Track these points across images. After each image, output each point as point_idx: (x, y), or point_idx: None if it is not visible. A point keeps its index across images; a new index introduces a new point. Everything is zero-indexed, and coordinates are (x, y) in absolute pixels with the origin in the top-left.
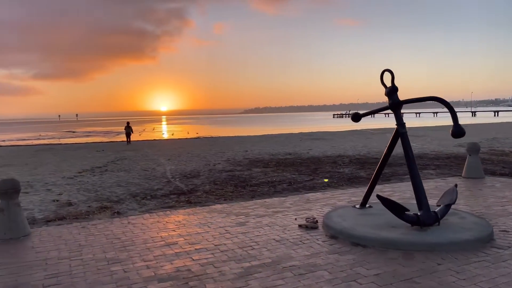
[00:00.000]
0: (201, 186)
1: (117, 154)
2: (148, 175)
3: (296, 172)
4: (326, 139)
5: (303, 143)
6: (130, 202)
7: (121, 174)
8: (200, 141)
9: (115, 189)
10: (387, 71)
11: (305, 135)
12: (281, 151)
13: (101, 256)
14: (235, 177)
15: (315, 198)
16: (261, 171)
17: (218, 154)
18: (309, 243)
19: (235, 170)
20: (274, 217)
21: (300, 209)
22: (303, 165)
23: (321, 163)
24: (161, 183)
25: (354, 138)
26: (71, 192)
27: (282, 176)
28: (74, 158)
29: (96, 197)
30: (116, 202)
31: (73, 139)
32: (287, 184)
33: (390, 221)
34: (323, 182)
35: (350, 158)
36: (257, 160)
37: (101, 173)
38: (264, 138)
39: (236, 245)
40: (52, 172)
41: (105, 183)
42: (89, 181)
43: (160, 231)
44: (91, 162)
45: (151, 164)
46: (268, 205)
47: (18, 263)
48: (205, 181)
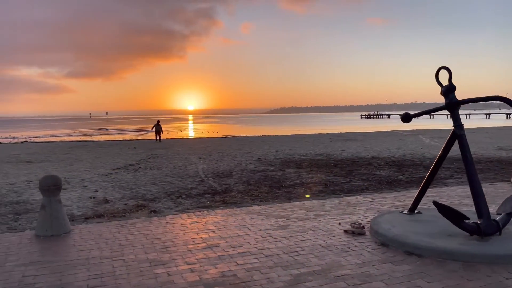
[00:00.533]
0: (235, 186)
1: (149, 152)
2: (181, 174)
3: (330, 174)
4: (358, 140)
5: (334, 144)
6: (165, 201)
7: (154, 172)
8: (228, 140)
9: (149, 187)
10: (444, 68)
11: (335, 136)
12: (312, 152)
13: (143, 257)
14: (268, 178)
15: (356, 201)
16: (294, 172)
17: (248, 153)
18: (358, 251)
19: (267, 170)
20: (316, 221)
21: (343, 213)
22: (337, 167)
23: (356, 165)
24: (195, 182)
25: (387, 140)
26: (106, 189)
27: (316, 178)
28: (107, 155)
29: (132, 195)
30: (152, 200)
31: (105, 136)
32: (323, 186)
33: (444, 229)
34: (361, 185)
35: (385, 160)
36: (288, 160)
37: (135, 170)
38: (293, 138)
39: (281, 250)
40: (87, 169)
41: (139, 181)
42: (123, 178)
43: (200, 232)
44: (124, 159)
45: (183, 163)
46: (308, 208)
47: (61, 262)
48: (238, 181)
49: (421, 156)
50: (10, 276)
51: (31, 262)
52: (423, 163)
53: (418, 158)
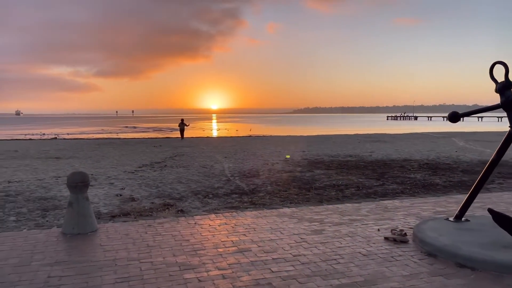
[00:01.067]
0: (263, 187)
1: (175, 150)
2: (207, 173)
3: (362, 176)
4: (387, 141)
5: (363, 145)
6: (192, 200)
7: (180, 170)
8: (253, 140)
9: (176, 186)
10: (500, 63)
11: (363, 137)
12: (341, 153)
13: (171, 260)
14: (297, 179)
15: (394, 206)
16: (324, 173)
17: (274, 153)
18: (403, 261)
19: (295, 171)
20: (352, 226)
21: (380, 218)
22: (368, 169)
23: (388, 167)
24: (221, 182)
25: (418, 142)
26: (133, 187)
27: (348, 180)
28: (134, 153)
29: (158, 193)
30: (179, 199)
31: (131, 134)
32: (355, 189)
33: (497, 239)
34: (395, 188)
35: (418, 163)
36: (316, 161)
37: (161, 168)
38: (319, 139)
39: (318, 257)
40: (114, 166)
41: (165, 179)
42: (149, 176)
43: (230, 235)
44: (150, 157)
45: (208, 161)
46: (342, 211)
47: (87, 262)
48: (266, 181)
49: (457, 159)
50: (36, 276)
51: (57, 262)
52: (460, 167)
53: (454, 161)
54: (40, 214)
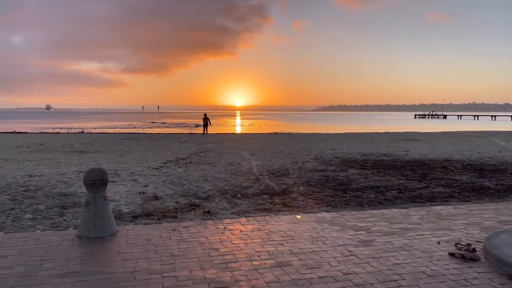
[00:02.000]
0: (295, 187)
1: (200, 145)
2: (234, 170)
3: (402, 177)
4: (421, 140)
5: (396, 144)
6: (220, 200)
7: (206, 168)
8: (279, 137)
9: (202, 184)
10: None
11: (394, 135)
12: (374, 151)
13: (199, 274)
14: (330, 179)
15: (448, 213)
16: (359, 173)
17: (303, 151)
18: (481, 286)
19: (327, 170)
20: (406, 237)
21: (437, 228)
22: (406, 169)
23: (428, 168)
24: (250, 180)
25: (454, 141)
26: (157, 184)
27: (386, 181)
28: (158, 148)
29: (183, 191)
30: (205, 199)
31: (156, 129)
32: (396, 191)
33: None
34: (442, 192)
35: (461, 164)
36: (349, 160)
37: (186, 165)
38: (347, 136)
39: (373, 276)
40: (138, 162)
41: (190, 176)
42: (174, 173)
43: (265, 244)
44: (175, 153)
45: (235, 158)
46: (389, 218)
47: (103, 274)
48: (297, 181)
49: (502, 160)
50: None
51: (68, 272)
52: (509, 169)
53: (500, 162)
54: (58, 212)
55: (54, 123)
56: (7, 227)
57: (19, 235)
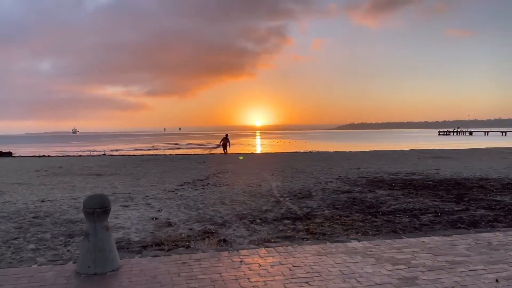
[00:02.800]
0: (319, 210)
1: (218, 166)
2: (253, 192)
3: (436, 198)
4: (451, 157)
5: (424, 161)
6: (237, 227)
7: (223, 189)
8: (300, 156)
9: (218, 207)
10: None
11: (420, 152)
12: (402, 170)
13: None
14: (357, 201)
15: (500, 242)
16: (388, 194)
17: (325, 170)
18: None
19: (353, 191)
20: (455, 272)
21: (491, 261)
22: (440, 189)
23: (464, 187)
24: (269, 203)
25: (486, 158)
26: (171, 208)
27: (420, 203)
28: (177, 170)
29: (198, 216)
30: (221, 225)
31: (176, 150)
32: (433, 215)
33: None
34: (485, 215)
35: (499, 183)
36: (376, 179)
37: (203, 187)
38: (371, 155)
39: None
40: (154, 184)
41: (207, 199)
42: (190, 195)
43: (288, 283)
44: (193, 174)
45: (254, 179)
46: (432, 248)
47: None
48: (321, 203)
49: None
50: None
51: None
52: None
53: None
54: (63, 241)
55: (79, 146)
56: (5, 259)
57: (12, 271)
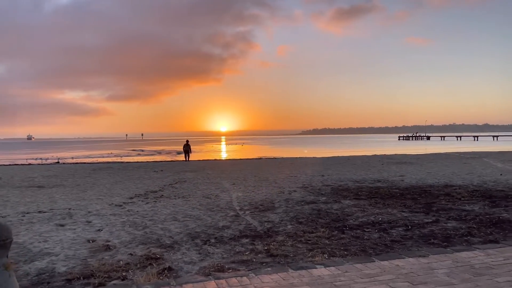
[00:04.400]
0: (281, 226)
1: (176, 175)
2: (211, 205)
3: (404, 208)
4: (413, 163)
5: (388, 168)
6: (187, 249)
7: (178, 202)
8: (264, 162)
9: (169, 225)
10: None
11: (384, 158)
12: (367, 177)
13: None
14: (322, 213)
15: (482, 263)
16: (355, 205)
17: (289, 178)
18: None
19: (318, 201)
20: None
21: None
22: (407, 198)
23: (430, 196)
24: (228, 218)
25: (448, 163)
26: (114, 227)
27: (388, 214)
28: (130, 180)
29: (144, 236)
30: (169, 247)
31: (136, 157)
32: (403, 228)
33: None
34: (457, 227)
35: (465, 189)
36: (341, 188)
37: (156, 199)
38: (336, 161)
39: None
40: (101, 197)
41: (157, 215)
42: (139, 210)
43: None
44: (147, 184)
45: (213, 190)
46: (408, 274)
47: None
48: (284, 216)
49: (508, 184)
50: None
51: None
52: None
53: (507, 187)
54: None
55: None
56: None
57: None
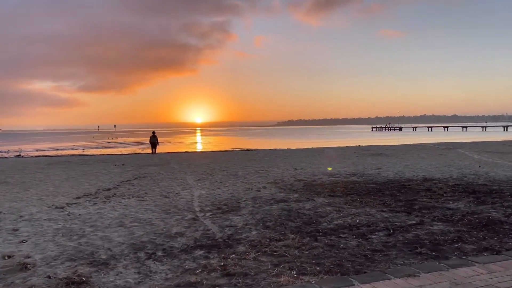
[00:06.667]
0: (245, 231)
1: (138, 170)
2: (168, 206)
3: (383, 207)
4: (388, 155)
5: (363, 160)
6: (125, 266)
7: (130, 203)
8: (235, 155)
9: (112, 232)
10: None
11: (358, 150)
12: (341, 171)
13: None
14: (293, 214)
15: (484, 283)
16: (329, 203)
17: (260, 172)
18: None
19: (289, 199)
20: None
21: None
22: (385, 194)
23: (410, 191)
24: (183, 222)
25: (424, 154)
26: (43, 236)
27: (366, 215)
28: (84, 175)
29: (75, 250)
30: (102, 264)
31: (102, 149)
32: (384, 233)
33: None
34: (445, 231)
35: (445, 184)
36: (314, 183)
37: (106, 199)
38: (310, 153)
39: None
40: (43, 197)
41: (102, 219)
42: (82, 214)
43: None
44: (102, 181)
45: (174, 187)
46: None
47: None
48: (249, 219)
49: (488, 177)
50: None
51: None
52: (504, 188)
53: (488, 180)
54: None
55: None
56: None
57: None
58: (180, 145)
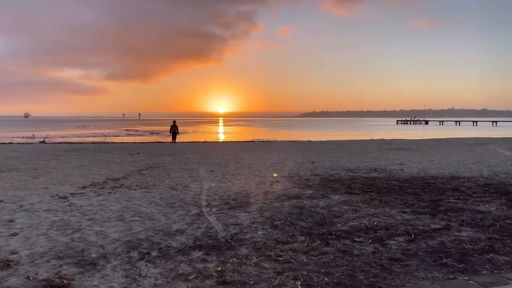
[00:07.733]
0: (250, 231)
1: (151, 159)
2: (173, 199)
3: (405, 207)
4: (413, 149)
5: (385, 154)
6: (114, 268)
7: (136, 195)
8: (254, 146)
9: (109, 227)
10: None
11: (381, 143)
12: (362, 166)
13: None
14: (305, 212)
15: None
16: (345, 202)
17: (276, 165)
18: None
19: (302, 196)
20: None
21: None
22: (408, 192)
23: (436, 190)
24: (187, 218)
25: (451, 150)
26: (37, 229)
27: (386, 216)
28: (97, 163)
29: (66, 246)
30: (90, 264)
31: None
32: (405, 238)
33: None
34: (474, 238)
35: (474, 183)
36: (332, 178)
37: (112, 190)
38: (331, 145)
39: None
40: (50, 185)
41: (103, 211)
42: (83, 205)
43: None
44: (112, 170)
45: (185, 178)
46: None
47: None
48: (256, 217)
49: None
50: None
51: None
52: None
53: None
54: None
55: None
56: None
57: None
58: (199, 135)
